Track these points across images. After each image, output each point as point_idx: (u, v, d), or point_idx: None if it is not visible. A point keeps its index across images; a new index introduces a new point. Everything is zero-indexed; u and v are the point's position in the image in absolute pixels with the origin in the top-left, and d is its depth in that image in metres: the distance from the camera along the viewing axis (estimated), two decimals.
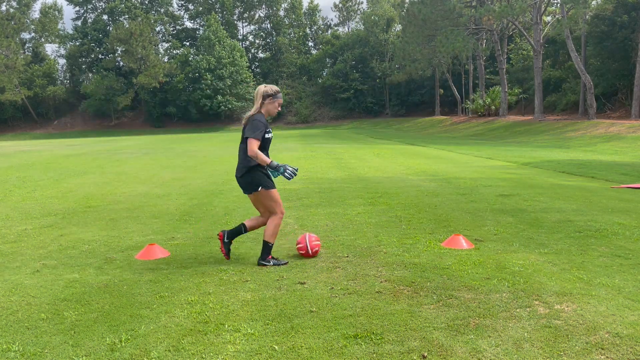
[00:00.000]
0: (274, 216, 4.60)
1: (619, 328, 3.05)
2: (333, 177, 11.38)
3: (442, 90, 61.13)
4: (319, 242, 4.82)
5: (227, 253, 4.71)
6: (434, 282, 3.95)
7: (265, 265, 4.52)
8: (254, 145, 4.37)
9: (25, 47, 73.49)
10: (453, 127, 44.18)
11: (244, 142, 4.52)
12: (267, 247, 4.56)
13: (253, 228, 4.78)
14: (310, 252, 4.71)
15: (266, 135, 4.47)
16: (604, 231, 5.58)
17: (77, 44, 73.18)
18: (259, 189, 4.52)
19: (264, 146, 4.51)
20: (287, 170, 4.40)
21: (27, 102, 66.18)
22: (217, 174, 12.44)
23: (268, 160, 4.38)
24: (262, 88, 4.57)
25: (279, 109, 4.65)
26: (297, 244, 4.84)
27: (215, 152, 21.59)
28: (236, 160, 4.72)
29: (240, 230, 4.72)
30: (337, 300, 3.62)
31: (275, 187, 4.61)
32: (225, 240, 4.69)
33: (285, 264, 4.56)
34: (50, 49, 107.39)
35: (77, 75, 74.69)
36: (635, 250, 4.78)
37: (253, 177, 4.51)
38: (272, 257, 4.62)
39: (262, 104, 4.52)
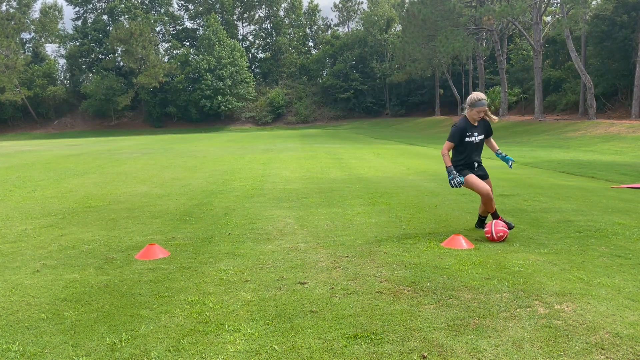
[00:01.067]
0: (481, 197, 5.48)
1: (619, 328, 3.05)
2: (333, 177, 11.37)
3: (442, 90, 61.15)
4: (504, 230, 5.14)
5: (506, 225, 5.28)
6: (434, 282, 3.95)
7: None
8: (444, 146, 5.35)
9: (25, 47, 73.54)
10: None
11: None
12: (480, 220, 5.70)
13: (484, 213, 5.64)
14: (494, 237, 5.10)
15: (466, 139, 5.31)
16: (604, 231, 5.58)
17: (77, 44, 73.22)
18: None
19: (464, 148, 5.38)
20: (454, 180, 5.19)
21: (27, 102, 66.20)
22: (217, 174, 12.44)
23: (448, 163, 5.30)
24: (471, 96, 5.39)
25: (482, 115, 5.34)
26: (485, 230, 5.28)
27: (215, 152, 21.59)
28: (236, 160, 4.80)
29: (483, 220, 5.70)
30: (337, 300, 3.62)
31: (470, 174, 5.38)
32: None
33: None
34: (50, 49, 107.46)
35: (77, 75, 74.72)
36: (635, 250, 4.78)
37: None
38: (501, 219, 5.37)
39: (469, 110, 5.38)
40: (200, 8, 78.96)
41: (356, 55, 71.77)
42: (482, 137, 5.40)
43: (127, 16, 73.27)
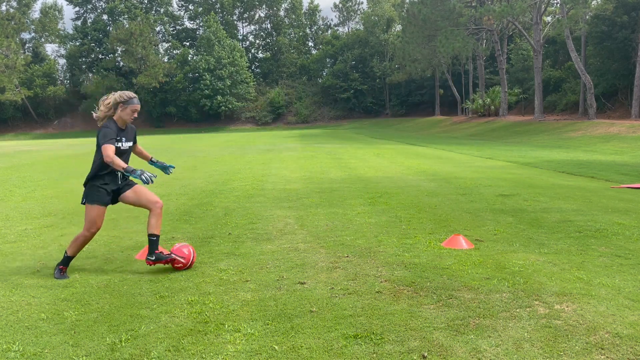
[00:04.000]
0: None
1: (619, 328, 3.05)
2: (333, 177, 11.37)
3: (442, 90, 61.15)
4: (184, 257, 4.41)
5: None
6: (434, 282, 3.94)
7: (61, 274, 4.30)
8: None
9: (25, 47, 73.56)
10: (453, 127, 44.18)
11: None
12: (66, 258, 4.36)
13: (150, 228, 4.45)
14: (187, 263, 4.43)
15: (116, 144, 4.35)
16: (604, 231, 5.58)
17: (77, 44, 73.25)
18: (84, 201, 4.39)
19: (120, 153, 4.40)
20: (144, 175, 4.23)
21: (27, 102, 66.20)
22: (217, 174, 12.44)
23: (123, 164, 4.26)
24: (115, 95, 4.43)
25: (135, 116, 4.55)
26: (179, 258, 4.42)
27: (216, 152, 21.59)
28: (236, 160, 4.71)
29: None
30: (337, 300, 3.62)
31: (96, 203, 4.39)
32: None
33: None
34: (50, 49, 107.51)
35: (77, 75, 74.72)
36: (635, 250, 4.78)
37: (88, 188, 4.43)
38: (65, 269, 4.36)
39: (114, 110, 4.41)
40: (200, 8, 78.97)
41: (356, 55, 71.78)
42: (130, 144, 4.73)
43: (127, 16, 73.27)
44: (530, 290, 3.73)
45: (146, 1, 78.48)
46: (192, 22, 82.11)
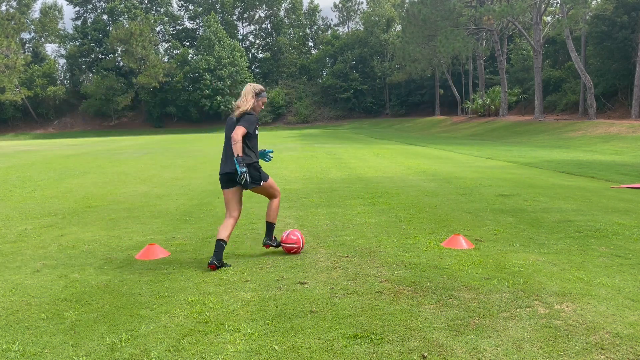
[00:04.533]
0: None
1: (619, 328, 3.05)
2: (333, 177, 11.37)
3: (442, 90, 61.12)
4: (294, 242, 4.83)
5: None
6: (434, 282, 3.94)
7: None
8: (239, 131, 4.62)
9: (25, 47, 73.55)
10: (453, 127, 44.18)
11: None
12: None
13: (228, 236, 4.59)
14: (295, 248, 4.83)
15: (256, 131, 4.82)
16: (604, 231, 5.58)
17: (77, 44, 73.23)
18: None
19: (253, 142, 4.87)
20: (246, 176, 4.50)
21: (27, 102, 66.20)
22: (217, 174, 12.41)
23: (241, 152, 4.58)
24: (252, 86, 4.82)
25: (262, 107, 4.92)
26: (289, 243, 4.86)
27: (216, 152, 21.59)
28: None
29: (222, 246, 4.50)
30: (337, 300, 3.62)
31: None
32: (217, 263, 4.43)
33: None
34: (50, 49, 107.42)
35: (77, 75, 74.70)
36: (635, 250, 4.78)
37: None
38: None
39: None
40: (200, 8, 78.97)
41: (356, 55, 71.76)
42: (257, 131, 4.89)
43: (127, 16, 73.26)
44: (530, 290, 3.73)
45: (146, 1, 78.47)
46: (192, 22, 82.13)
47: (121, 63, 71.75)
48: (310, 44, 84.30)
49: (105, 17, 74.89)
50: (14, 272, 4.48)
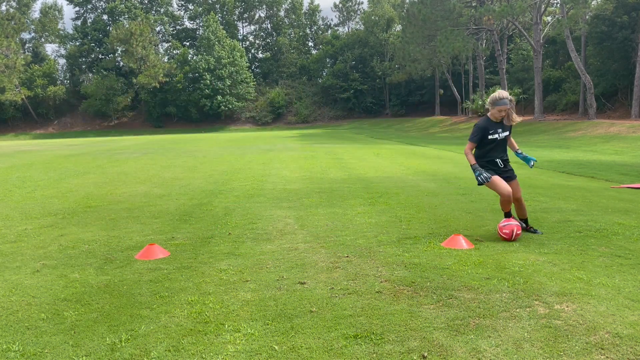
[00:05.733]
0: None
1: (619, 328, 3.05)
2: (333, 177, 11.37)
3: (442, 90, 61.12)
4: (510, 230, 5.19)
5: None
6: (434, 282, 3.94)
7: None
8: (467, 146, 5.53)
9: (25, 47, 73.54)
10: (453, 127, 44.19)
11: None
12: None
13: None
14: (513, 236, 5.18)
15: (489, 137, 5.37)
16: (604, 231, 5.58)
17: (77, 44, 73.24)
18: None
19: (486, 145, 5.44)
20: (481, 176, 5.26)
21: (27, 102, 66.19)
22: (217, 174, 12.44)
23: (473, 161, 5.40)
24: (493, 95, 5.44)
25: (503, 114, 5.36)
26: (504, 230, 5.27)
27: (215, 152, 21.59)
28: (236, 160, 4.86)
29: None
30: (337, 300, 3.62)
31: (495, 176, 5.36)
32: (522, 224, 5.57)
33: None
34: (50, 49, 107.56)
35: (77, 75, 74.69)
36: (635, 250, 4.78)
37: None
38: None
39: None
40: (200, 8, 78.96)
41: (356, 55, 71.76)
42: (506, 133, 5.43)
43: (127, 16, 73.26)
44: (530, 290, 3.73)
45: (146, 1, 78.46)
46: (192, 22, 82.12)
47: (121, 63, 71.75)
48: (310, 44, 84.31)
49: (105, 17, 74.88)
50: (14, 272, 4.48)
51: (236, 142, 31.37)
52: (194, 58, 70.85)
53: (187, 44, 79.39)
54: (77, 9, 76.18)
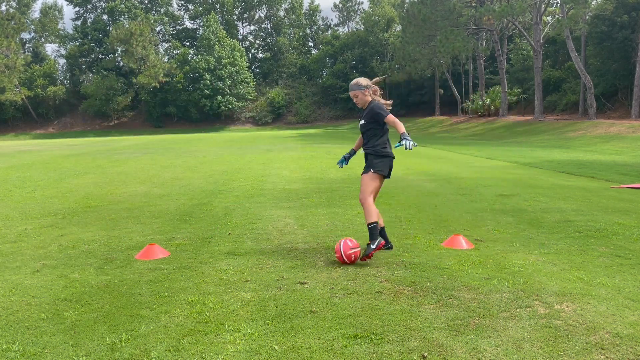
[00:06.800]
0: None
1: (619, 328, 3.05)
2: (333, 177, 11.37)
3: (442, 90, 61.12)
4: (354, 250, 4.47)
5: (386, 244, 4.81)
6: (434, 282, 3.94)
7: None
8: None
9: (25, 47, 73.57)
10: (453, 127, 44.19)
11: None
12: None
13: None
14: (344, 259, 4.45)
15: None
16: (604, 231, 5.58)
17: (77, 44, 73.24)
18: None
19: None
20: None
21: (27, 102, 66.19)
22: (217, 174, 12.44)
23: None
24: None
25: (354, 100, 4.97)
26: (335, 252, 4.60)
27: (215, 152, 21.59)
28: (236, 160, 4.85)
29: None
30: (337, 300, 3.62)
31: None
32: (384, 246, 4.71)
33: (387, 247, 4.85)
34: (50, 49, 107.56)
35: (77, 75, 74.70)
36: (635, 250, 4.78)
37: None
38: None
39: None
40: (200, 8, 78.97)
41: (356, 55, 71.78)
42: (363, 122, 4.83)
43: (127, 16, 73.27)
44: (530, 290, 3.73)
45: (146, 1, 78.47)
46: (192, 22, 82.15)
47: (121, 63, 71.75)
48: (310, 44, 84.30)
49: (105, 17, 74.89)
50: (14, 272, 4.48)
51: (236, 142, 31.36)
52: (194, 58, 70.84)
53: (187, 44, 79.37)
54: (77, 9, 76.22)
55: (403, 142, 4.45)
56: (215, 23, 70.30)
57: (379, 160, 4.70)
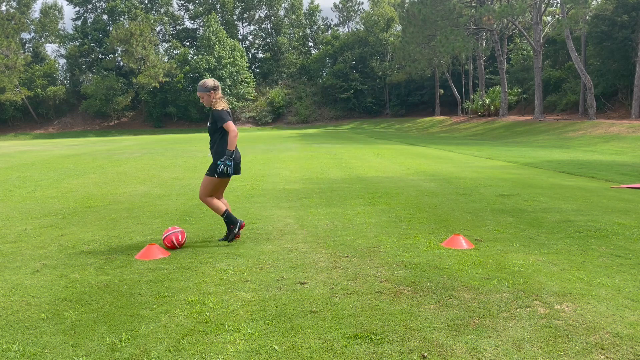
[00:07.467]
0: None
1: (619, 328, 3.05)
2: (333, 177, 11.37)
3: (442, 90, 61.14)
4: (173, 232, 5.10)
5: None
6: (434, 282, 3.94)
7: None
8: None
9: (25, 47, 73.51)
10: (453, 127, 44.19)
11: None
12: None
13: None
14: (174, 243, 5.07)
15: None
16: (604, 231, 5.58)
17: (77, 44, 73.19)
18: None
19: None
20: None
21: (27, 102, 66.18)
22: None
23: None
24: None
25: (202, 101, 5.29)
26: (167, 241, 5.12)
27: None
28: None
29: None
30: (337, 300, 3.62)
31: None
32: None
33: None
34: (50, 49, 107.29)
35: (77, 75, 74.67)
36: (635, 250, 4.78)
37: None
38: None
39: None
40: (200, 8, 78.94)
41: (356, 55, 71.76)
42: (209, 124, 5.26)
43: (127, 16, 73.23)
44: (530, 290, 3.73)
45: (146, 1, 78.43)
46: (192, 22, 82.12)
47: (121, 63, 71.71)
48: (310, 44, 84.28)
49: (105, 17, 74.85)
50: (14, 272, 4.48)
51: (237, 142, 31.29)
52: (194, 58, 70.80)
53: (188, 44, 79.34)
54: (77, 9, 76.17)
55: (220, 164, 5.03)
56: (216, 23, 70.29)
57: (221, 168, 5.11)
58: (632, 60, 34.22)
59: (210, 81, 5.24)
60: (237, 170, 5.21)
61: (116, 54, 72.80)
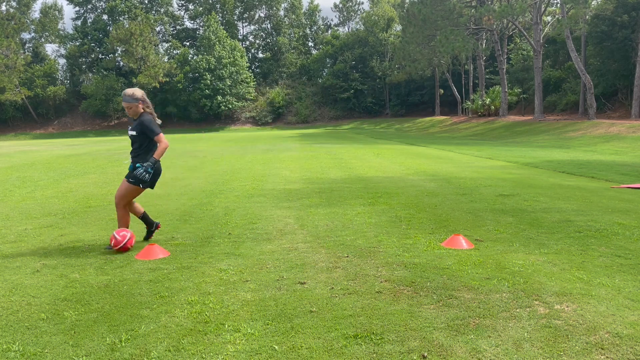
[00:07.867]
0: None
1: (619, 328, 3.05)
2: (333, 177, 11.37)
3: (442, 90, 61.15)
4: (122, 233, 5.10)
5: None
6: (434, 282, 3.94)
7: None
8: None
9: (25, 47, 73.49)
10: (453, 127, 44.19)
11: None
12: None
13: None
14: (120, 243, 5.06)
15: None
16: (604, 231, 5.58)
17: (77, 44, 73.18)
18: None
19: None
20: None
21: (27, 102, 66.17)
22: (217, 174, 12.44)
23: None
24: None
25: (128, 112, 5.23)
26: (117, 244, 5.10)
27: (216, 152, 21.59)
28: (236, 160, 4.99)
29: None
30: (337, 300, 3.62)
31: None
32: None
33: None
34: (50, 49, 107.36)
35: (77, 75, 74.66)
36: (635, 250, 4.78)
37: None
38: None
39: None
40: (200, 8, 78.93)
41: (356, 55, 71.76)
42: (134, 133, 5.17)
43: (127, 16, 73.22)
44: (530, 290, 3.73)
45: (146, 1, 78.42)
46: (192, 22, 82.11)
47: (121, 63, 71.71)
48: (310, 44, 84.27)
49: (105, 17, 74.84)
50: (14, 272, 4.48)
51: (236, 142, 31.36)
52: (195, 58, 70.80)
53: (188, 44, 79.34)
54: (77, 9, 76.15)
55: (140, 168, 5.03)
56: (216, 23, 70.28)
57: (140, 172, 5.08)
58: (632, 60, 34.22)
59: (138, 91, 5.19)
60: (153, 183, 5.30)
61: (116, 54, 72.79)
